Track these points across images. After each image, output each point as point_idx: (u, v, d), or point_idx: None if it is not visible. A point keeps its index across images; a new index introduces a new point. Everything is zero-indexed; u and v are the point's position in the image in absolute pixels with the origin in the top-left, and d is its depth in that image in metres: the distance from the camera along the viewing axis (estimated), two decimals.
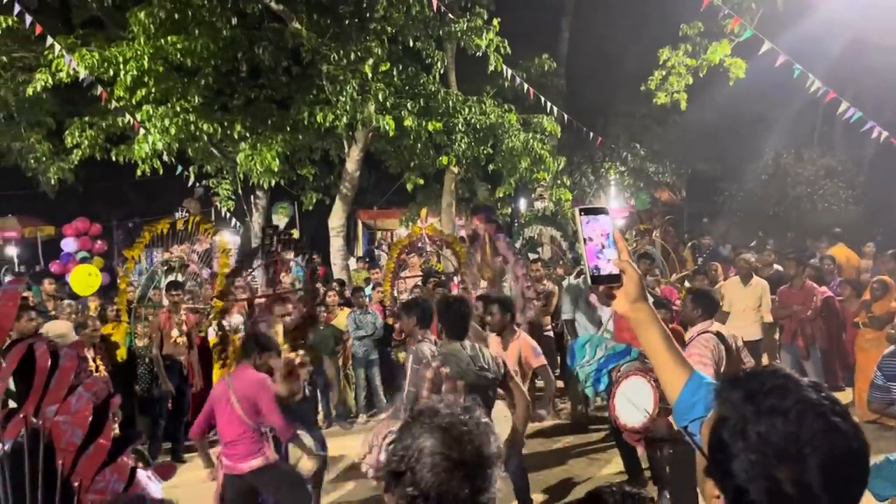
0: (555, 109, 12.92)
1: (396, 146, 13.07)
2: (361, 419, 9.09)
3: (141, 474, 1.73)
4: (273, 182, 11.72)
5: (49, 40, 9.80)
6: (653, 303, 1.62)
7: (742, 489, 1.08)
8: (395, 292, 10.24)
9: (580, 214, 1.56)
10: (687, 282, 10.07)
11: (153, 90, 10.44)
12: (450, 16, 11.87)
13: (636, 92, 13.83)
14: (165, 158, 11.20)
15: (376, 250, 18.05)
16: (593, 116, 15.58)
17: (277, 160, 11.01)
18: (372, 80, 11.03)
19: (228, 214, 13.93)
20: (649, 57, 12.83)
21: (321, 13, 11.37)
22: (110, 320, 8.42)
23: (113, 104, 10.64)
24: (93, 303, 9.74)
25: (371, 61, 10.93)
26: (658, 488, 5.84)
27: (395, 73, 11.71)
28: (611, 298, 1.59)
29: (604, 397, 5.47)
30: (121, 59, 10.17)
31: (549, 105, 12.72)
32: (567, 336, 8.88)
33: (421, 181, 14.36)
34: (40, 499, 1.64)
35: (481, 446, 1.46)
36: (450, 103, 12.27)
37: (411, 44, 11.93)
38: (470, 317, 4.43)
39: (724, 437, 1.12)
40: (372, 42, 11.00)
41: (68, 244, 14.77)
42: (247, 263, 8.50)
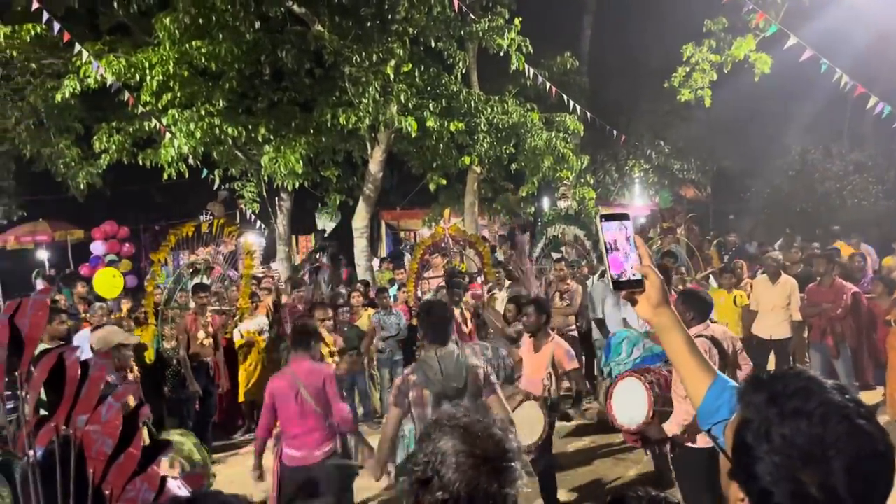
0: (577, 108, 12.86)
1: (419, 147, 13.10)
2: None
3: (171, 483, 1.76)
4: (297, 184, 11.81)
5: (77, 47, 9.97)
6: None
7: (767, 492, 1.08)
8: (419, 293, 10.26)
9: (601, 220, 1.57)
10: (713, 279, 9.97)
11: (178, 94, 10.57)
12: (471, 16, 11.87)
13: (659, 89, 13.72)
14: (191, 162, 11.34)
15: (402, 250, 18.06)
16: (616, 114, 15.49)
17: (301, 162, 11.09)
18: (394, 82, 11.07)
19: (253, 217, 14.06)
20: (672, 53, 12.72)
21: (343, 15, 11.44)
22: (139, 323, 8.55)
23: (139, 109, 10.79)
24: (125, 305, 9.89)
25: (393, 62, 10.97)
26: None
27: (417, 74, 11.74)
28: (633, 304, 1.59)
29: None
30: (147, 65, 10.30)
31: (572, 103, 12.67)
32: (595, 336, 8.85)
33: (443, 181, 14.38)
34: None
35: (502, 441, 1.48)
36: (472, 103, 12.27)
37: (433, 44, 11.94)
38: (450, 322, 4.32)
39: (748, 440, 1.12)
40: (394, 43, 11.03)
41: (97, 247, 15.00)
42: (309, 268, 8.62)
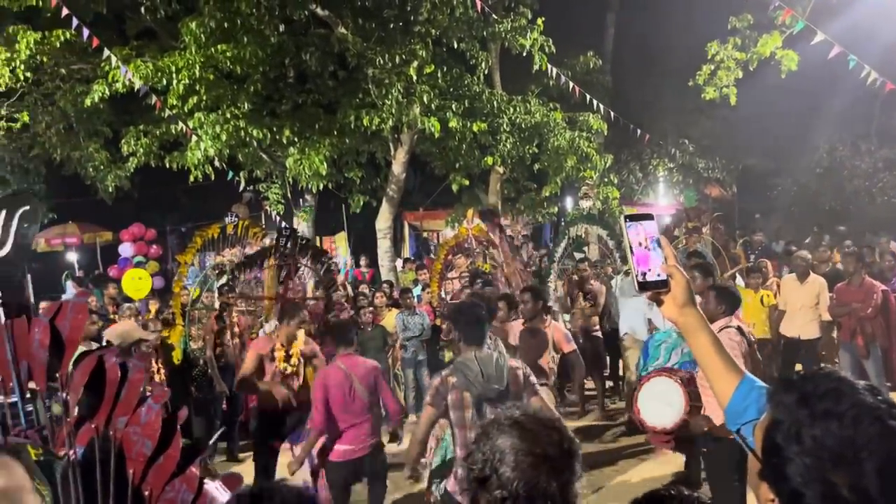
0: (601, 107, 12.80)
1: (441, 147, 13.12)
2: (411, 419, 9.16)
3: (209, 485, 1.80)
4: (321, 185, 11.88)
5: (105, 52, 10.13)
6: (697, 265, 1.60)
7: (797, 493, 1.08)
8: (443, 293, 10.28)
9: (626, 221, 1.57)
10: (739, 278, 9.86)
11: (204, 98, 10.69)
12: (493, 16, 11.86)
13: (683, 87, 13.60)
14: (217, 164, 11.46)
15: (420, 251, 18.11)
16: (640, 113, 15.38)
17: (325, 164, 11.17)
18: (417, 83, 11.10)
19: (278, 218, 14.18)
20: (697, 51, 12.60)
21: (366, 17, 11.49)
22: (167, 323, 8.65)
23: (166, 112, 10.93)
24: (153, 306, 10.02)
25: (416, 64, 11.00)
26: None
27: (440, 75, 11.76)
28: (659, 304, 1.59)
29: None
30: (173, 69, 10.43)
31: (595, 102, 12.60)
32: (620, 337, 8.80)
33: (466, 182, 14.38)
34: None
35: (561, 440, 1.47)
36: (494, 103, 12.26)
37: (455, 45, 11.95)
38: (485, 321, 4.27)
39: (779, 441, 1.12)
40: (416, 45, 11.06)
41: (125, 249, 15.20)
42: (256, 262, 8.57)
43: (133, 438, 1.80)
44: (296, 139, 11.52)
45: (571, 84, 11.99)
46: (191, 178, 11.53)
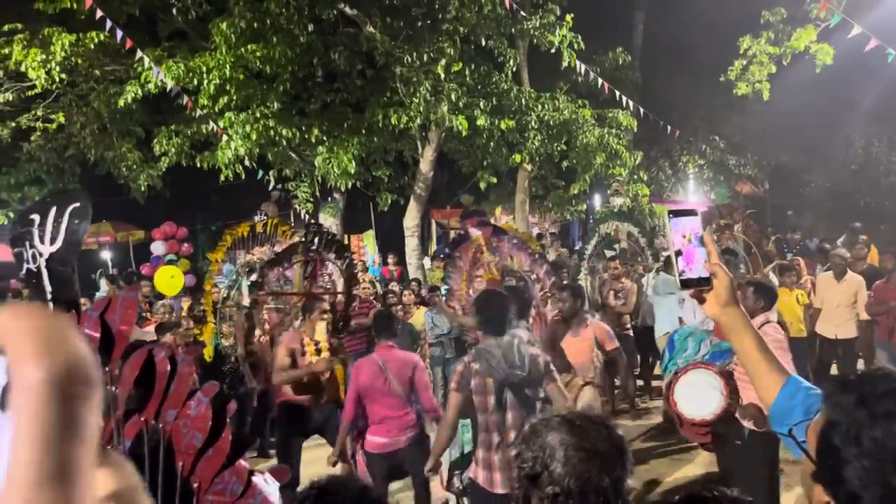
0: (630, 103, 12.69)
1: (469, 145, 13.10)
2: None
3: (258, 477, 1.81)
4: (349, 184, 11.95)
5: (138, 53, 10.29)
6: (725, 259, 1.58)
7: (855, 496, 1.06)
8: (471, 291, 10.26)
9: (669, 216, 1.55)
10: (772, 274, 9.71)
11: (234, 97, 10.78)
12: (522, 13, 11.81)
13: (714, 83, 13.44)
14: (247, 163, 11.57)
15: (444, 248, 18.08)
16: (670, 109, 15.23)
17: (353, 162, 11.21)
18: (445, 81, 11.09)
19: (307, 216, 14.28)
20: (729, 46, 12.43)
21: (394, 16, 11.51)
22: (198, 321, 8.76)
23: (197, 112, 11.06)
24: (185, 303, 10.14)
25: (444, 62, 10.99)
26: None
27: (468, 73, 11.74)
28: (701, 302, 1.56)
29: None
30: (204, 69, 10.54)
31: (625, 99, 12.50)
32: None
33: (494, 180, 14.35)
34: (161, 497, 1.74)
35: (610, 435, 1.48)
36: (522, 101, 12.21)
37: (483, 43, 11.92)
38: (508, 311, 4.34)
39: (835, 443, 1.09)
40: (444, 42, 11.06)
41: (157, 247, 15.41)
42: (285, 259, 8.65)
43: (183, 431, 1.82)
44: (324, 138, 11.58)
45: (600, 80, 11.90)
46: (221, 178, 11.65)
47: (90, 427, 0.30)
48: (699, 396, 4.62)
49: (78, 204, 2.31)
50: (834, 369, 8.19)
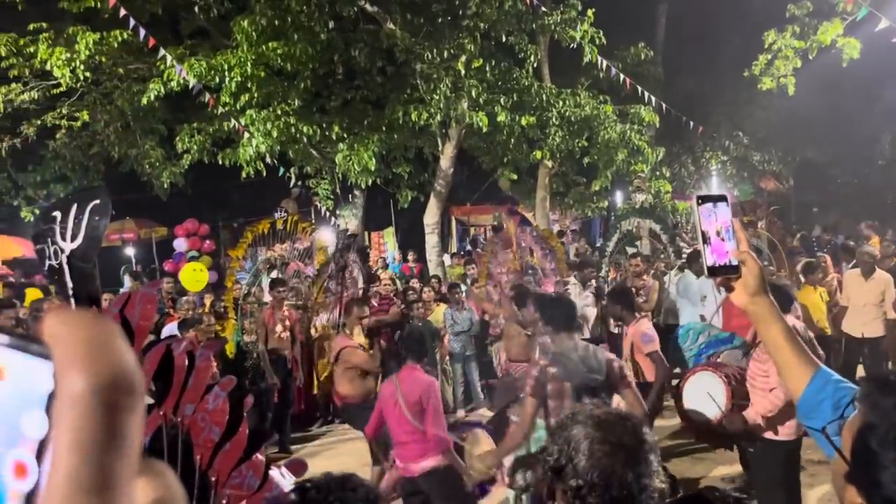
0: (652, 99, 12.58)
1: (490, 142, 13.06)
2: (459, 414, 9.16)
3: (274, 471, 1.81)
4: (370, 181, 11.96)
5: (161, 52, 10.37)
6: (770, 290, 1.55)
7: (892, 501, 1.02)
8: (491, 288, 10.23)
9: (698, 202, 1.51)
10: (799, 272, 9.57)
11: (256, 95, 10.84)
12: (542, 9, 11.74)
13: (738, 77, 13.27)
14: (268, 160, 11.62)
15: (477, 244, 18.05)
16: (693, 105, 15.06)
17: (374, 159, 11.22)
18: (465, 77, 11.06)
19: (328, 213, 14.33)
20: (753, 40, 12.28)
21: (414, 13, 11.50)
22: (219, 317, 8.82)
23: (219, 110, 11.13)
24: (207, 299, 10.22)
25: (464, 58, 10.96)
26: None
27: (488, 69, 11.70)
28: (729, 291, 1.53)
29: None
30: (226, 67, 10.61)
31: (647, 95, 12.39)
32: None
33: (514, 176, 14.30)
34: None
35: (636, 432, 1.48)
36: (543, 97, 12.14)
37: (504, 39, 11.88)
38: (573, 307, 4.35)
39: (873, 446, 1.06)
40: (465, 39, 11.03)
41: (179, 244, 15.56)
42: (335, 268, 8.76)
43: (201, 425, 1.83)
44: (345, 135, 11.61)
45: (622, 76, 11.80)
46: (243, 175, 11.73)
47: (132, 438, 0.29)
48: (703, 399, 4.60)
49: (98, 201, 2.32)
50: (860, 370, 8.06)
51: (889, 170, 15.38)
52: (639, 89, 12.19)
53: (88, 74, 11.11)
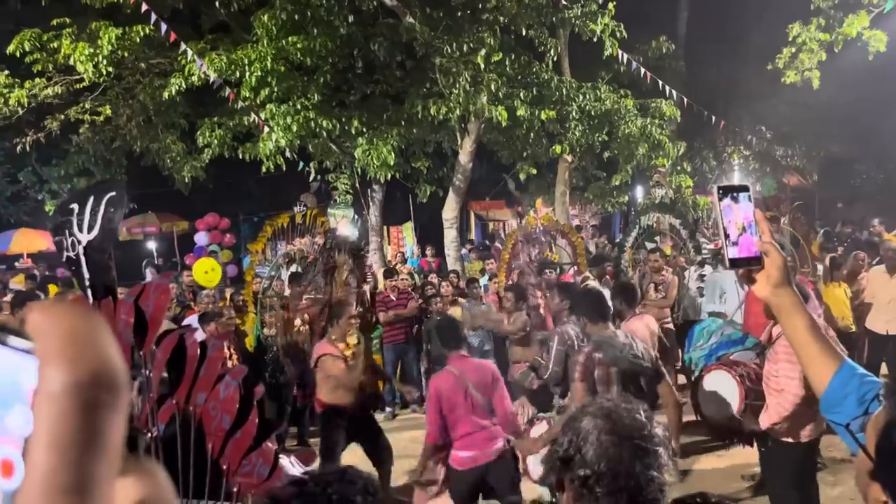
0: (673, 93, 12.46)
1: (509, 136, 13.01)
2: None
3: (284, 460, 1.83)
4: (389, 175, 11.98)
5: (182, 46, 10.44)
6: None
7: None
8: (510, 283, 10.20)
9: (719, 193, 1.48)
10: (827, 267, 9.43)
11: (276, 89, 10.88)
12: (563, 2, 11.66)
13: (762, 71, 13.09)
14: (288, 155, 11.67)
15: (496, 241, 18.04)
16: (715, 98, 14.90)
17: (393, 154, 11.23)
18: (484, 71, 11.02)
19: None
20: (777, 33, 12.09)
21: (434, 6, 11.48)
22: (239, 310, 8.87)
23: (239, 104, 11.19)
24: (228, 293, 10.29)
25: (483, 52, 10.91)
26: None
27: (508, 63, 11.63)
28: (751, 283, 1.50)
29: None
30: (246, 61, 10.66)
31: (668, 89, 12.27)
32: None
33: (534, 171, 14.24)
34: (192, 478, 1.76)
35: (645, 425, 1.49)
36: (563, 91, 12.07)
37: (524, 32, 11.81)
38: (605, 298, 4.42)
39: None
40: (484, 33, 10.98)
41: (200, 238, 15.67)
42: (308, 274, 8.70)
43: (212, 414, 1.84)
44: (364, 129, 11.62)
45: (643, 70, 11.69)
46: (263, 169, 11.78)
47: (113, 437, 0.28)
48: (717, 397, 4.59)
49: (114, 193, 2.35)
50: (884, 367, 7.94)
51: None
52: (660, 83, 12.07)
53: (111, 69, 11.21)
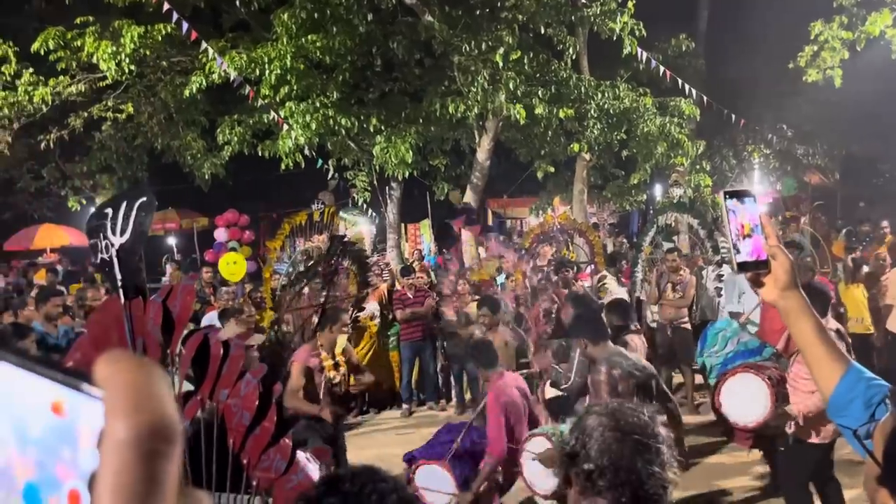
0: (693, 91, 12.38)
1: (527, 134, 13.01)
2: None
3: (300, 455, 1.88)
4: (407, 173, 12.03)
5: (203, 45, 10.54)
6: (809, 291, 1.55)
7: None
8: (527, 282, 10.20)
9: (725, 197, 1.50)
10: (841, 271, 9.36)
11: (295, 87, 10.96)
12: (582, 0, 11.63)
13: (783, 69, 12.97)
14: (306, 152, 11.75)
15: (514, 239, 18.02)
16: (735, 97, 14.76)
17: (411, 152, 11.27)
18: (503, 69, 11.02)
19: (365, 205, 14.43)
20: (799, 31, 11.98)
21: (453, 5, 11.50)
22: (258, 306, 8.95)
23: (259, 102, 11.28)
24: (248, 288, 10.39)
25: (502, 50, 10.92)
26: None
27: (526, 61, 11.63)
28: (759, 286, 1.52)
29: None
30: (266, 59, 10.74)
31: (687, 87, 12.20)
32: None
33: (551, 169, 14.22)
34: (215, 473, 1.82)
35: (647, 424, 1.57)
36: (582, 89, 12.04)
37: (542, 30, 11.80)
38: (599, 312, 4.50)
39: None
40: (503, 31, 10.99)
41: (220, 234, 15.80)
42: (309, 274, 8.72)
43: (233, 410, 1.90)
44: (382, 127, 11.67)
45: (662, 68, 11.63)
46: (282, 166, 11.88)
47: (169, 483, 0.32)
48: (745, 401, 4.57)
49: (145, 199, 2.46)
50: None
51: None
52: (679, 81, 12.01)
53: (133, 67, 11.34)
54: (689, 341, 8.81)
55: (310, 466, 1.90)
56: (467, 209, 10.42)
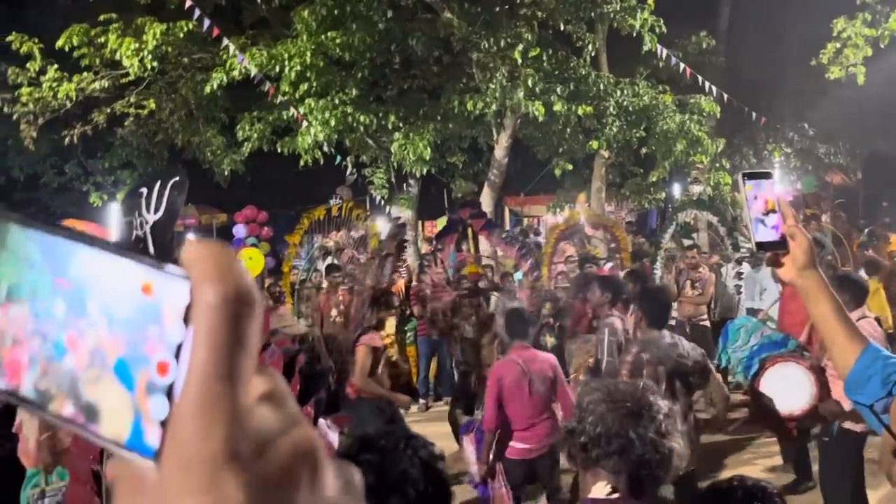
0: (713, 89, 12.30)
1: (545, 132, 12.98)
2: None
3: (321, 423, 1.90)
4: (424, 170, 12.05)
5: (224, 41, 10.63)
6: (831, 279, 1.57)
7: None
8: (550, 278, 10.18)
9: (744, 179, 1.54)
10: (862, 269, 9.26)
11: (315, 84, 11.02)
12: None
13: (805, 67, 12.86)
14: (325, 149, 11.82)
15: (532, 235, 17.98)
16: (756, 95, 14.64)
17: (429, 149, 11.30)
18: (522, 66, 11.01)
19: (383, 202, 14.48)
20: (821, 28, 11.87)
21: (472, 2, 11.51)
22: (276, 300, 9.02)
23: (279, 99, 11.36)
24: (266, 283, 10.47)
25: (521, 47, 10.91)
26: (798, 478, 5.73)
27: (545, 58, 11.61)
28: (778, 266, 1.53)
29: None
30: (286, 56, 10.82)
31: (708, 84, 12.13)
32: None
33: (569, 166, 14.19)
34: None
35: (642, 397, 1.65)
36: (601, 86, 12.00)
37: (562, 27, 11.78)
38: (671, 307, 4.48)
39: None
40: (522, 28, 10.98)
41: (239, 230, 15.91)
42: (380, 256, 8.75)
43: None
44: (401, 124, 11.71)
45: (683, 65, 11.56)
46: (301, 163, 11.95)
47: (252, 340, 0.36)
48: (788, 390, 4.54)
49: (178, 178, 2.52)
50: None
51: None
52: (699, 79, 11.94)
53: (155, 64, 11.44)
54: (708, 339, 8.77)
55: (330, 434, 1.92)
56: (471, 202, 10.41)
